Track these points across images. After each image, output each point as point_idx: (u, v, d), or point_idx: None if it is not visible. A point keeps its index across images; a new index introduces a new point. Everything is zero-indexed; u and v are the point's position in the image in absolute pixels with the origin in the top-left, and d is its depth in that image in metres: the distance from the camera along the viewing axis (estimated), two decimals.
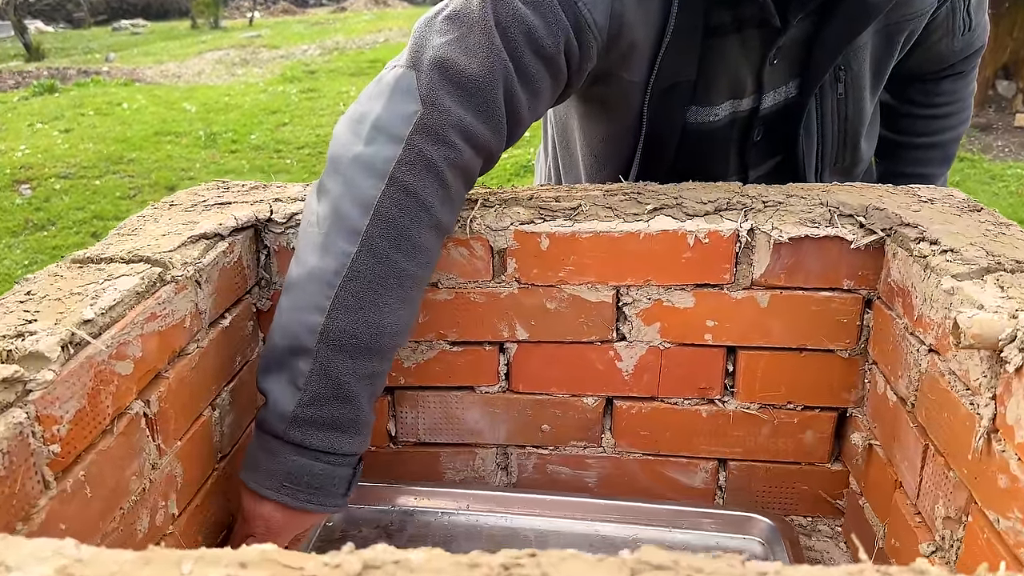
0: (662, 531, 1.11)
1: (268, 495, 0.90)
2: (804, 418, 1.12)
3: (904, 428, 0.95)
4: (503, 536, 1.09)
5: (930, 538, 0.88)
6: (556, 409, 1.14)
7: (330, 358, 0.89)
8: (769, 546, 1.08)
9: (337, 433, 0.90)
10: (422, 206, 0.90)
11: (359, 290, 0.88)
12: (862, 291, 1.06)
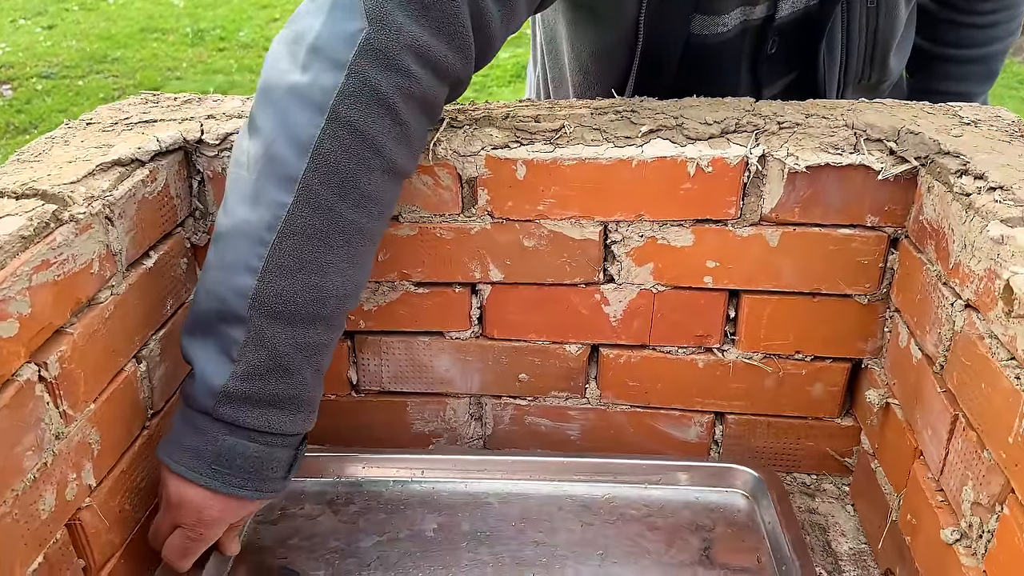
0: (638, 488, 1.00)
1: (194, 479, 0.78)
2: (813, 369, 1.00)
3: (929, 391, 0.83)
4: (463, 503, 0.99)
5: (954, 522, 0.76)
6: (535, 357, 1.02)
7: (265, 327, 0.75)
8: (754, 500, 0.99)
9: (275, 411, 0.78)
10: (371, 147, 0.75)
11: (296, 248, 0.75)
12: (887, 228, 0.92)
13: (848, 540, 0.97)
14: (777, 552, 0.90)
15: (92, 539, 0.78)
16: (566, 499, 0.99)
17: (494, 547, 0.93)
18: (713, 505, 0.98)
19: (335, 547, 0.93)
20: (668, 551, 0.92)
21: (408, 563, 0.91)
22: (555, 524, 0.95)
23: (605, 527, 0.95)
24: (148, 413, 0.89)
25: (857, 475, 1.03)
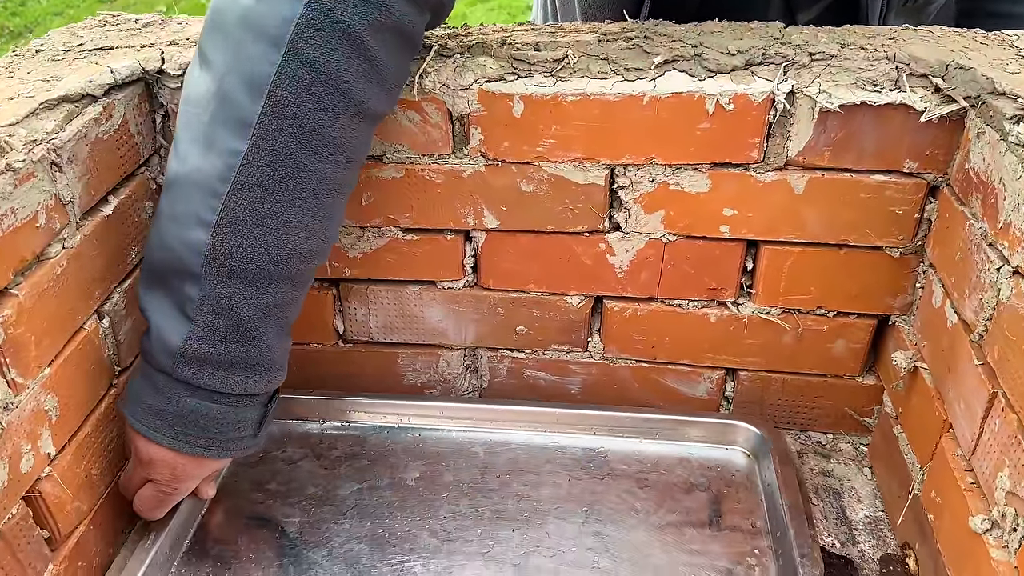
0: (632, 442, 0.95)
1: (157, 440, 0.73)
2: (836, 326, 0.92)
3: (964, 361, 0.75)
4: (448, 452, 0.94)
5: (984, 510, 0.70)
6: (534, 309, 0.95)
7: (221, 286, 0.68)
8: (755, 459, 0.93)
9: (238, 372, 0.71)
10: (334, 87, 0.66)
11: (253, 202, 0.66)
12: (927, 175, 0.82)
13: (864, 507, 0.91)
14: (773, 517, 0.85)
15: (55, 509, 0.73)
16: (556, 452, 0.94)
17: (475, 499, 0.88)
18: (711, 463, 0.93)
19: (313, 493, 0.89)
20: (657, 511, 0.87)
21: (384, 513, 0.87)
22: (541, 478, 0.90)
23: (593, 483, 0.90)
24: (115, 371, 0.82)
25: (877, 437, 0.96)
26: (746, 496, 0.89)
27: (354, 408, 0.98)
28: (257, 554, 0.83)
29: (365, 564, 0.81)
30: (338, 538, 0.84)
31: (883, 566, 0.84)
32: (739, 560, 0.81)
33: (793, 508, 0.83)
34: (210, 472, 0.79)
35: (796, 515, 0.82)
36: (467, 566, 0.81)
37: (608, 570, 0.80)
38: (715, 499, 0.88)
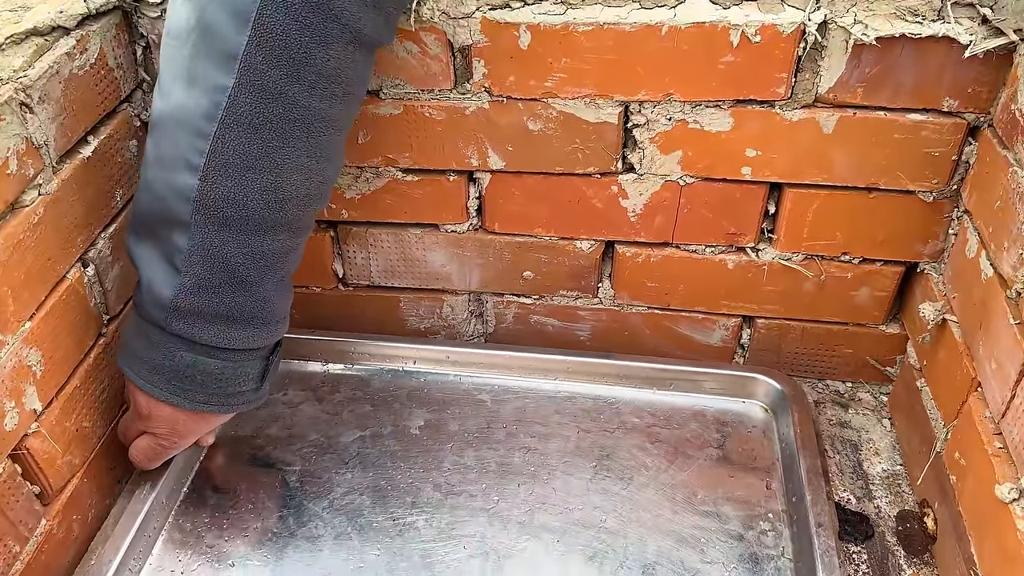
0: (645, 393, 0.91)
1: (154, 394, 0.70)
2: (861, 273, 0.87)
3: (999, 318, 0.70)
4: (453, 399, 0.91)
5: (1012, 477, 0.66)
6: (541, 254, 0.90)
7: (212, 234, 0.64)
8: (773, 415, 0.89)
9: (235, 326, 0.68)
10: (327, 13, 0.60)
11: (242, 142, 0.61)
12: (967, 115, 0.76)
13: (882, 460, 0.88)
14: (790, 480, 0.81)
15: (45, 465, 0.71)
16: (565, 401, 0.90)
17: (480, 451, 0.85)
18: (726, 418, 0.89)
19: (314, 440, 0.87)
20: (668, 468, 0.84)
21: (387, 463, 0.84)
22: (550, 429, 0.87)
23: (603, 436, 0.87)
24: (103, 320, 0.79)
25: (898, 388, 0.92)
26: (762, 454, 0.85)
27: (358, 349, 0.95)
28: (256, 503, 0.81)
29: (367, 517, 0.79)
30: (339, 488, 0.82)
31: (900, 523, 0.82)
32: (752, 524, 0.78)
33: (811, 472, 0.79)
34: (211, 427, 0.77)
35: (814, 479, 0.79)
36: (471, 522, 0.78)
37: (615, 531, 0.78)
38: (729, 457, 0.85)
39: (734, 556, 0.76)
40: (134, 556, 0.75)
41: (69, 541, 0.76)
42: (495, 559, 0.75)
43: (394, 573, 0.74)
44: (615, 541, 0.77)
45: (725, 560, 0.75)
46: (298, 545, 0.77)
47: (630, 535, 0.77)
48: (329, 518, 0.79)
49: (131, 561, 0.74)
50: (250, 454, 0.86)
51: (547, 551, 0.76)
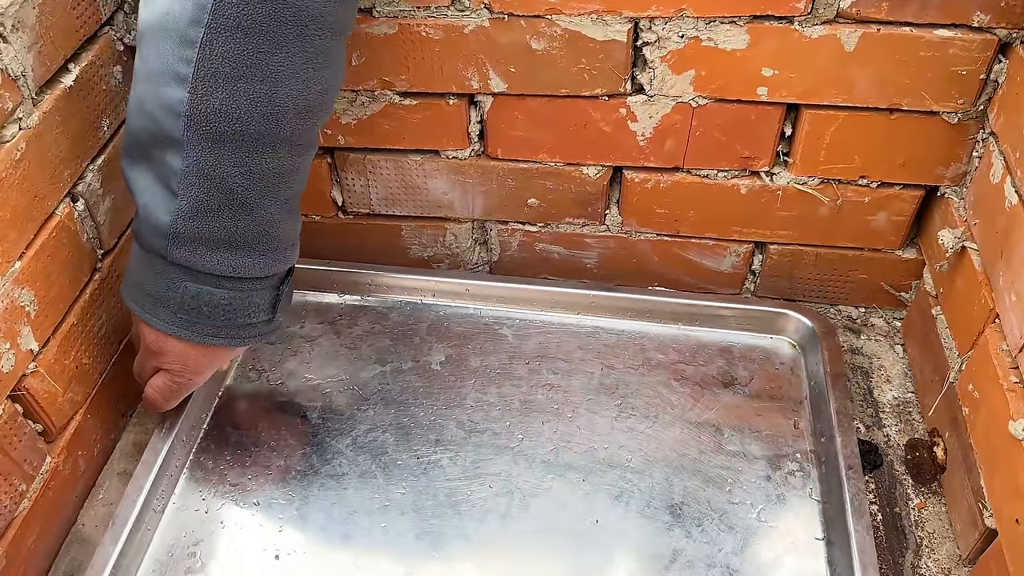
0: (671, 329, 0.89)
1: (161, 328, 0.68)
2: (879, 197, 0.84)
3: (1020, 250, 0.67)
4: (476, 329, 0.89)
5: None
6: (546, 180, 0.87)
7: (206, 152, 0.61)
8: (801, 350, 0.87)
9: (238, 252, 0.65)
10: None
11: (232, 48, 0.58)
12: (999, 30, 0.71)
13: (893, 388, 0.87)
14: (818, 419, 0.80)
15: (46, 404, 0.71)
16: (588, 337, 0.88)
17: (503, 387, 0.84)
18: (754, 354, 0.87)
19: (334, 375, 0.85)
20: (694, 407, 0.82)
21: (409, 400, 0.83)
22: (573, 366, 0.86)
23: (627, 373, 0.85)
24: (97, 255, 0.77)
25: (913, 314, 0.90)
26: (790, 392, 0.83)
27: (375, 281, 0.92)
28: (278, 441, 0.80)
29: (391, 455, 0.78)
30: (362, 426, 0.81)
31: (909, 452, 0.81)
32: (779, 464, 0.77)
33: (841, 412, 0.77)
34: (225, 362, 0.75)
35: (844, 419, 0.77)
36: (495, 461, 0.78)
37: (640, 470, 0.77)
38: (756, 395, 0.83)
39: (761, 496, 0.75)
40: (157, 495, 0.74)
41: (76, 477, 0.76)
42: (520, 498, 0.75)
43: (420, 512, 0.74)
44: (641, 481, 0.76)
45: (752, 500, 0.75)
46: (323, 483, 0.76)
47: (656, 475, 0.77)
48: (353, 456, 0.78)
49: (154, 500, 0.74)
50: (269, 390, 0.84)
51: (572, 490, 0.76)
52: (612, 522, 0.73)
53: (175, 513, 0.75)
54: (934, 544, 0.75)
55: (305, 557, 0.72)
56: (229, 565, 0.71)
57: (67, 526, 0.75)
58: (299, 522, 0.74)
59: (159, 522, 0.74)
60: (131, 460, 0.81)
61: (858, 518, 0.70)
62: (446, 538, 0.72)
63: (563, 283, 0.92)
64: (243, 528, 0.73)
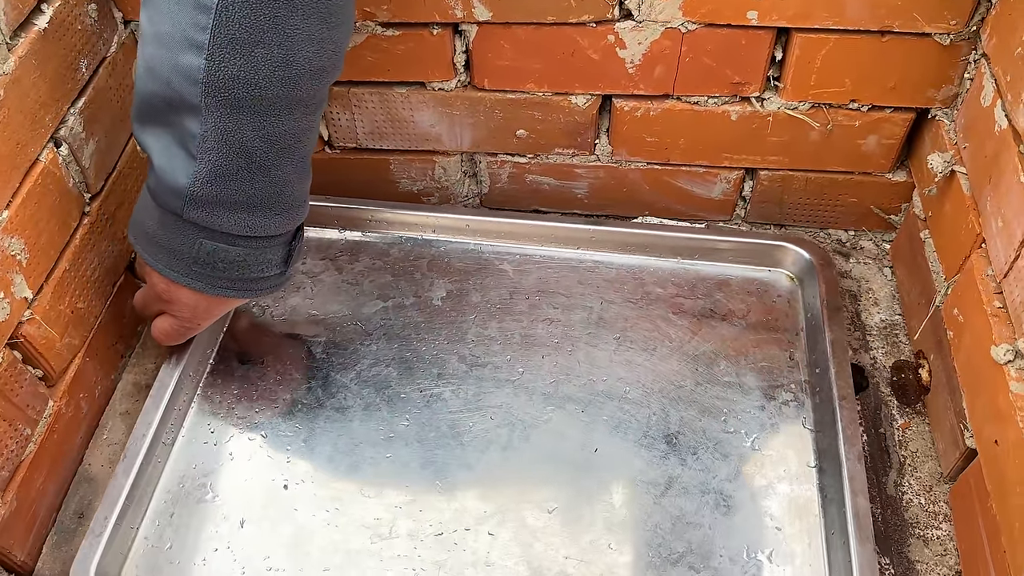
0: (669, 262, 0.89)
1: (174, 278, 0.68)
2: (869, 121, 0.83)
3: (1009, 174, 0.67)
4: (474, 268, 0.89)
5: (1010, 338, 0.66)
6: (535, 111, 0.86)
7: (224, 118, 0.60)
8: (799, 282, 0.87)
9: (254, 212, 0.65)
10: None
11: (248, 13, 0.56)
12: None
13: (881, 311, 0.88)
14: (814, 351, 0.81)
15: (44, 350, 0.71)
16: (588, 271, 0.89)
17: (504, 322, 0.85)
18: (751, 287, 0.87)
19: (337, 311, 0.86)
20: (692, 339, 0.83)
21: (411, 335, 0.84)
22: (572, 300, 0.86)
23: (626, 307, 0.86)
24: (85, 199, 0.77)
25: (901, 237, 0.91)
26: (786, 324, 0.84)
27: (375, 216, 0.92)
28: (284, 375, 0.81)
29: (394, 388, 0.80)
30: (366, 360, 0.82)
31: (895, 373, 0.83)
32: (773, 394, 0.79)
33: (836, 344, 0.78)
34: (231, 309, 0.75)
35: (839, 351, 0.78)
36: (496, 393, 0.79)
37: (638, 401, 0.78)
38: (753, 327, 0.84)
39: (756, 425, 0.77)
40: (167, 429, 0.76)
41: (79, 419, 0.78)
42: (521, 429, 0.77)
43: (424, 443, 0.76)
44: (638, 411, 0.78)
45: (747, 430, 0.76)
46: (328, 416, 0.78)
47: (653, 405, 0.78)
48: (357, 389, 0.80)
49: (164, 434, 0.75)
50: (274, 325, 0.86)
51: (572, 422, 0.77)
52: (610, 452, 0.75)
53: (184, 446, 0.77)
54: (917, 463, 0.77)
55: (313, 486, 0.74)
56: (239, 495, 0.73)
57: (74, 467, 0.77)
58: (306, 453, 0.76)
59: (169, 455, 0.76)
60: (132, 400, 0.82)
61: (850, 447, 0.72)
62: (449, 468, 0.75)
63: (562, 218, 0.92)
64: (251, 459, 0.76)
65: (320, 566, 0.69)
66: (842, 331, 0.80)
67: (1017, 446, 0.62)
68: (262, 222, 0.66)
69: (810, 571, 0.69)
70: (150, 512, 0.72)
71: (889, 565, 0.71)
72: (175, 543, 0.71)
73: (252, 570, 0.69)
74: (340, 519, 0.72)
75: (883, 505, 0.74)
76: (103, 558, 0.67)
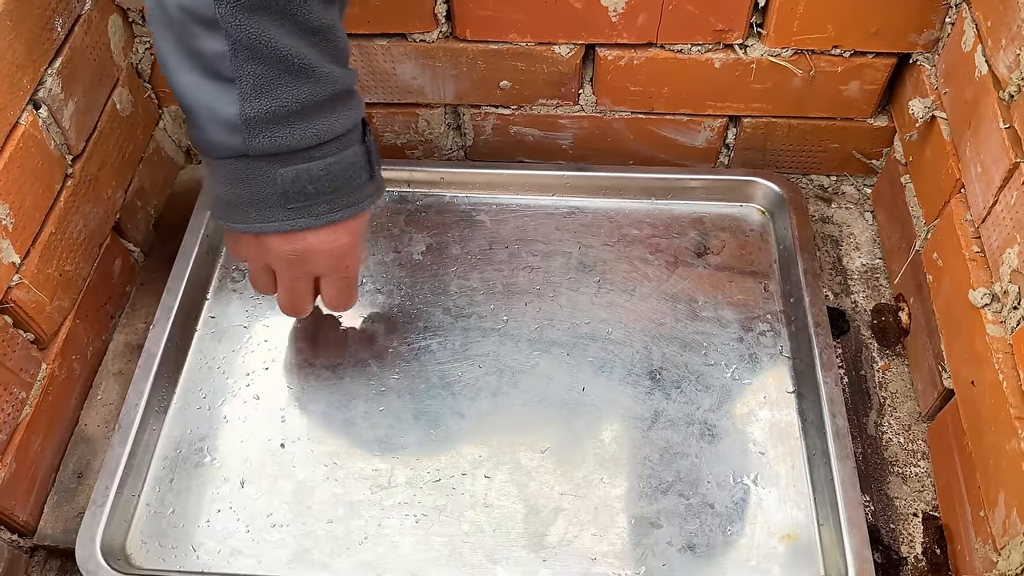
0: (644, 204, 0.90)
1: (283, 229, 0.65)
2: (852, 67, 0.84)
3: (988, 121, 0.68)
4: (453, 221, 0.89)
5: (986, 282, 0.67)
6: (518, 61, 0.85)
7: (246, 24, 0.56)
8: (771, 217, 0.89)
9: (315, 117, 0.61)
10: None
11: None
12: None
13: (861, 255, 0.90)
14: (787, 281, 0.83)
15: (34, 313, 0.72)
16: (565, 217, 0.89)
17: (485, 273, 0.86)
18: (725, 223, 0.89)
19: None
20: (669, 278, 0.85)
21: (394, 290, 0.85)
22: (551, 247, 0.87)
23: (604, 250, 0.87)
24: (67, 160, 0.76)
25: (882, 181, 0.92)
26: (760, 258, 0.86)
27: None
28: (271, 337, 0.81)
29: (382, 343, 0.81)
30: (351, 317, 0.82)
31: (875, 316, 0.85)
32: (751, 326, 0.81)
33: (809, 273, 0.80)
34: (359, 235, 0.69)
35: (811, 280, 0.80)
36: (482, 342, 0.80)
37: (621, 340, 0.80)
38: (728, 263, 0.86)
39: (735, 357, 0.79)
40: (159, 396, 0.77)
41: (73, 381, 0.78)
42: (510, 375, 0.78)
43: (415, 394, 0.77)
44: (622, 351, 0.80)
45: (727, 361, 0.79)
46: (319, 374, 0.79)
47: (635, 344, 0.80)
48: (345, 346, 0.81)
49: (156, 402, 0.76)
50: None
51: (558, 365, 0.79)
52: (597, 391, 0.77)
53: (178, 412, 0.77)
54: (896, 403, 0.79)
55: (310, 443, 0.75)
56: (237, 456, 0.75)
57: (70, 428, 0.78)
58: (300, 411, 0.77)
59: (163, 422, 0.77)
60: (125, 360, 0.83)
61: (827, 371, 0.75)
62: (442, 417, 0.76)
63: (537, 165, 0.93)
64: (246, 421, 0.77)
65: (323, 518, 0.71)
66: (813, 260, 0.82)
67: (992, 387, 0.64)
68: (326, 124, 0.62)
69: (794, 491, 0.72)
70: (150, 479, 0.74)
71: (869, 502, 0.74)
72: (177, 507, 0.72)
73: (256, 527, 0.71)
74: (339, 473, 0.73)
75: (863, 444, 0.77)
76: (107, 528, 0.69)
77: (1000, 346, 0.64)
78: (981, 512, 0.65)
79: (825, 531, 0.69)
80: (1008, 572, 0.60)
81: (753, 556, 0.69)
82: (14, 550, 0.71)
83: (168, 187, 0.95)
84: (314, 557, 0.69)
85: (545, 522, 0.70)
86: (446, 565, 0.69)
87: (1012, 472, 0.61)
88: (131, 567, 0.69)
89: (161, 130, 0.93)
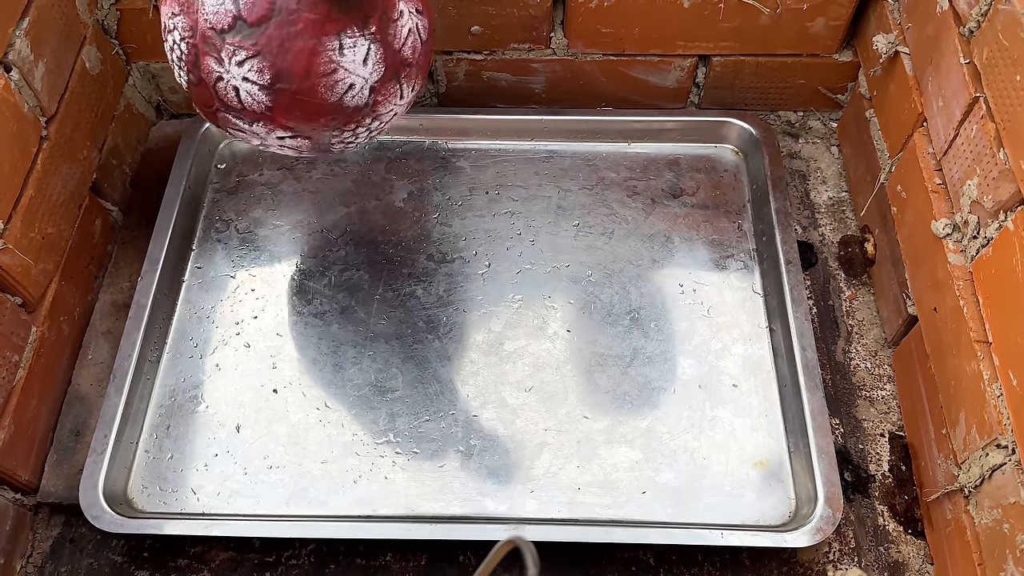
0: (620, 147, 0.92)
1: None
2: (817, 4, 0.85)
3: (949, 56, 0.70)
4: (433, 168, 0.91)
5: (948, 214, 0.70)
6: (489, 6, 0.85)
7: None
8: (744, 156, 0.91)
9: None
10: None
11: None
12: None
13: (828, 188, 0.92)
14: (759, 220, 0.86)
15: (20, 277, 0.72)
16: (544, 162, 0.91)
17: (465, 218, 0.87)
18: (700, 164, 0.91)
19: (300, 220, 0.88)
20: (647, 219, 0.87)
21: (377, 238, 0.86)
22: (531, 191, 0.89)
23: (582, 194, 0.89)
24: (42, 122, 0.76)
25: (848, 116, 0.94)
26: (733, 198, 0.89)
27: None
28: (257, 288, 0.83)
29: (367, 291, 0.83)
30: (336, 266, 0.84)
31: (842, 248, 0.88)
32: (725, 264, 0.84)
33: (780, 212, 0.83)
34: None
35: (783, 219, 0.83)
36: (466, 287, 0.83)
37: (600, 282, 0.83)
38: (703, 203, 0.88)
39: (711, 294, 0.82)
40: (151, 347, 0.78)
41: (63, 342, 0.79)
42: (494, 318, 0.81)
43: (403, 339, 0.80)
44: (601, 292, 0.82)
45: (702, 299, 0.82)
46: (307, 322, 0.81)
47: (614, 285, 0.83)
48: (332, 295, 0.83)
49: (149, 352, 0.78)
50: (239, 238, 0.86)
51: (540, 307, 0.82)
52: (578, 331, 0.80)
53: (170, 361, 0.79)
54: (863, 331, 0.83)
55: (301, 388, 0.77)
56: (230, 403, 0.77)
57: (64, 388, 0.79)
58: (291, 359, 0.79)
59: (157, 371, 0.78)
60: (112, 319, 0.84)
61: (797, 306, 0.78)
62: (429, 360, 0.79)
63: (515, 111, 0.94)
64: (238, 368, 0.79)
65: (318, 459, 0.74)
66: (785, 200, 0.85)
67: (954, 312, 0.68)
68: None
69: (766, 421, 0.76)
70: (146, 427, 0.76)
71: (839, 424, 0.78)
72: (175, 453, 0.74)
73: (253, 469, 0.73)
74: (331, 415, 0.76)
75: (832, 370, 0.81)
76: (108, 474, 0.71)
77: (961, 274, 0.68)
78: (943, 430, 0.69)
79: (796, 457, 0.73)
80: (968, 484, 0.65)
81: (727, 482, 0.73)
82: (18, 508, 0.73)
83: (141, 144, 0.95)
84: (311, 496, 0.72)
85: (531, 456, 0.74)
86: (437, 499, 0.72)
87: (972, 392, 0.65)
88: (134, 511, 0.72)
89: (131, 86, 0.92)
